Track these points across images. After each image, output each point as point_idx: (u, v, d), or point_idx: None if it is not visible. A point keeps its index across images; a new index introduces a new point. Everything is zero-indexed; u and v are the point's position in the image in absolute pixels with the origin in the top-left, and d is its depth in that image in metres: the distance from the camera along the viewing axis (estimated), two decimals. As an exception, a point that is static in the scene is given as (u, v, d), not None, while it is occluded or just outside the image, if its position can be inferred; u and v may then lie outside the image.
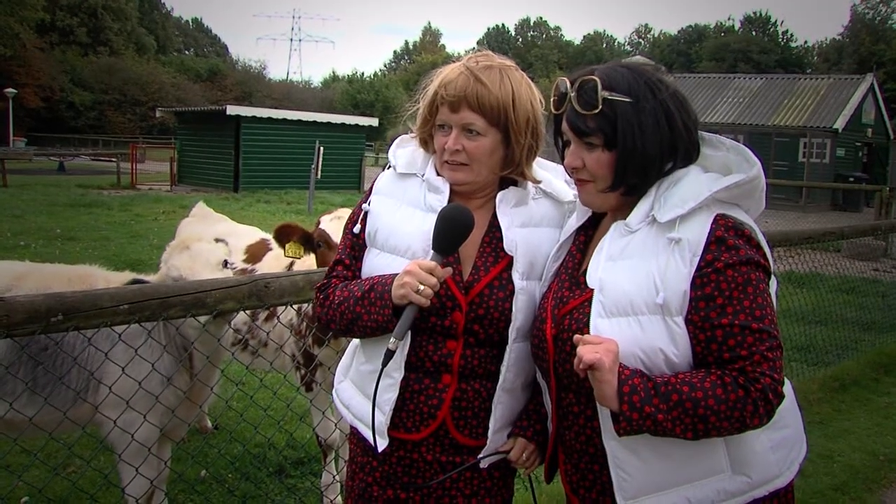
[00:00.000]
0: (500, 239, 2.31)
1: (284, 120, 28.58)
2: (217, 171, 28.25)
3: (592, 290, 2.05)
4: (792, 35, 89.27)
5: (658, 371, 1.95)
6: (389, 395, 2.29)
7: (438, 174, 2.35)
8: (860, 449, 5.71)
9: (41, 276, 3.74)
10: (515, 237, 2.30)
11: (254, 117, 27.98)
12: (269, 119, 28.27)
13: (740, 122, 33.35)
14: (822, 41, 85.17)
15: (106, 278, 3.82)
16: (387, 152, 2.63)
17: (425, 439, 2.32)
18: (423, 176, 2.39)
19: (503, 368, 2.29)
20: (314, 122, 28.89)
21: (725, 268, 1.92)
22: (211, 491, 4.70)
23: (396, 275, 2.19)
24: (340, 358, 2.68)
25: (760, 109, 33.87)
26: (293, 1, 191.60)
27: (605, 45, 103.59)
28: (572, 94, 2.07)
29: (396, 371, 2.27)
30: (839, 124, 31.71)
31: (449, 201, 2.30)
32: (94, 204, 19.96)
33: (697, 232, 1.96)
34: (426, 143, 2.41)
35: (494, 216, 2.35)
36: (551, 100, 2.18)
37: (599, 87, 2.03)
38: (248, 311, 3.64)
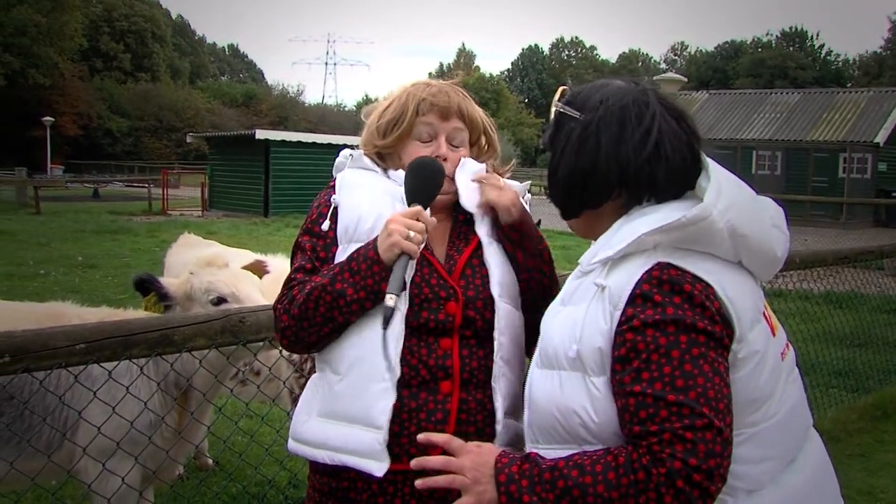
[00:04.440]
0: (467, 232, 2.20)
1: (314, 143, 28.34)
2: (247, 196, 28.13)
3: None
4: (830, 50, 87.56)
5: (575, 437, 1.65)
6: (384, 402, 1.98)
7: None
8: (906, 485, 5.28)
9: (7, 316, 3.47)
10: (472, 193, 2.18)
11: (283, 141, 27.80)
12: (299, 143, 28.06)
13: (777, 137, 32.73)
14: (863, 54, 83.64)
15: (79, 315, 3.55)
16: None
17: None
18: (386, 172, 2.25)
19: (496, 333, 2.07)
20: (344, 146, 28.40)
21: (644, 326, 1.57)
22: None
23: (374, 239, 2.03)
24: None
25: (798, 125, 33.13)
26: (328, 25, 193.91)
27: (640, 64, 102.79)
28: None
29: (389, 371, 1.98)
30: (880, 138, 30.92)
31: None
32: (122, 231, 19.87)
33: (623, 282, 1.63)
34: (382, 157, 2.27)
35: (456, 220, 2.23)
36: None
37: (557, 97, 1.84)
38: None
